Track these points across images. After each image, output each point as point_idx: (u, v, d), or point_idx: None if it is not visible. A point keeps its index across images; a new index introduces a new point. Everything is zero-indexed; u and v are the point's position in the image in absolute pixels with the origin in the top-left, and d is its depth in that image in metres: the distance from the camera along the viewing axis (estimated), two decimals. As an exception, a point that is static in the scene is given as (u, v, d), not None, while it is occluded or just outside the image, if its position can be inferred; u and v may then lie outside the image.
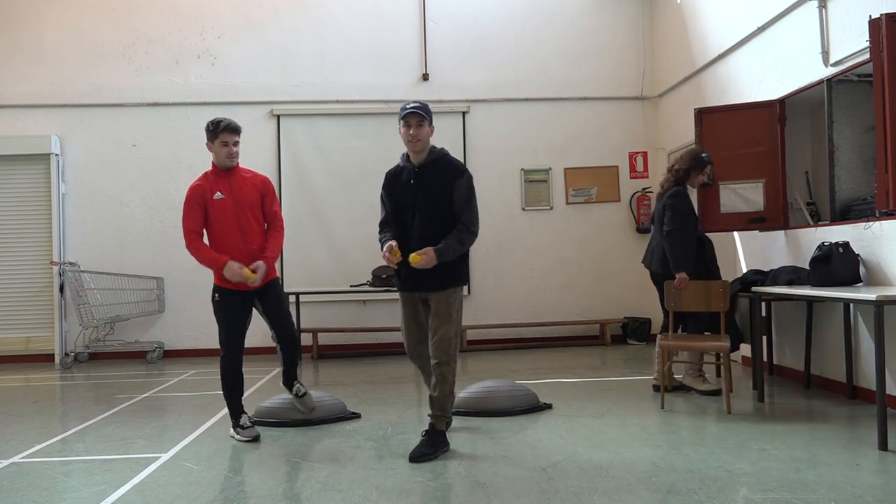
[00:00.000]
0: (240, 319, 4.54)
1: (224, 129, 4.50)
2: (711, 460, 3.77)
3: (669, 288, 5.48)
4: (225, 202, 4.49)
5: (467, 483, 3.50)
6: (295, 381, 4.84)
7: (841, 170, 5.69)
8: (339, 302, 8.85)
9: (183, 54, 9.12)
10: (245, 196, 4.55)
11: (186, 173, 9.09)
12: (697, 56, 8.00)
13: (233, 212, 4.49)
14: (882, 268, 4.98)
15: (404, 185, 4.13)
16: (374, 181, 9.17)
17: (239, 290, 4.49)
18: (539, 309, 9.26)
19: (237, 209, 4.51)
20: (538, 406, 5.18)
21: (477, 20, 9.31)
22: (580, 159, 9.36)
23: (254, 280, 4.39)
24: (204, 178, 4.56)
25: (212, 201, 4.48)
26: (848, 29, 5.37)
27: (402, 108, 4.09)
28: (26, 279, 8.87)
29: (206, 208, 4.48)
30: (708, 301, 5.33)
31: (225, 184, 4.53)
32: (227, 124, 4.52)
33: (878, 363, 3.92)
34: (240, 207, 4.51)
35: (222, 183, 4.53)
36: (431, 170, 4.11)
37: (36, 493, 3.53)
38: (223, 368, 4.53)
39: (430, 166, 4.12)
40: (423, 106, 4.11)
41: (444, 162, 4.14)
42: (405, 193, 4.11)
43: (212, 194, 4.49)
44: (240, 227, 4.49)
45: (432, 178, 4.08)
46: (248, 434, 4.49)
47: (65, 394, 6.58)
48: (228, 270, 4.37)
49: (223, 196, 4.49)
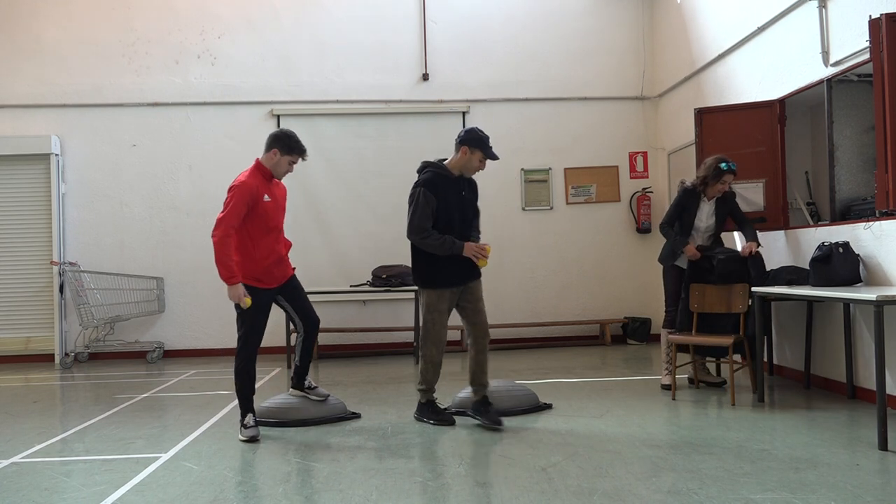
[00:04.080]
0: (265, 316, 4.73)
1: (299, 153, 4.71)
2: (711, 460, 3.77)
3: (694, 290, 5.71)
4: (270, 205, 4.65)
5: (467, 483, 3.50)
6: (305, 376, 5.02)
7: (841, 170, 5.69)
8: (339, 302, 8.85)
9: (183, 54, 9.12)
10: (282, 201, 4.82)
11: (186, 173, 9.10)
12: (697, 56, 8.00)
13: (274, 215, 4.69)
14: (882, 268, 4.98)
15: (457, 194, 4.77)
16: (374, 181, 9.25)
17: (264, 286, 4.65)
18: (539, 309, 9.26)
19: (278, 213, 4.73)
20: (538, 406, 5.18)
21: (477, 20, 9.32)
22: (580, 159, 9.36)
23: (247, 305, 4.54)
24: (254, 177, 4.62)
25: (261, 202, 4.59)
26: (848, 29, 5.37)
27: (485, 141, 4.74)
28: (26, 279, 8.87)
29: (253, 208, 4.55)
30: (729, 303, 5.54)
31: (271, 188, 4.70)
32: (302, 149, 4.73)
33: (878, 363, 3.92)
34: (279, 211, 4.75)
35: (268, 187, 4.68)
36: (470, 184, 4.89)
37: (36, 493, 3.53)
38: (242, 365, 4.65)
39: (468, 181, 4.87)
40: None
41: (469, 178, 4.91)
42: (457, 200, 4.76)
43: (261, 195, 4.59)
44: (277, 230, 4.73)
45: (471, 189, 4.90)
46: (247, 434, 4.52)
47: (65, 394, 6.58)
48: (233, 291, 4.50)
49: (270, 200, 4.65)
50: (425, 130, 9.21)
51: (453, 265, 4.70)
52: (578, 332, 9.30)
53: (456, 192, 4.75)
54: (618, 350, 8.53)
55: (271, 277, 4.69)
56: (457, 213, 4.73)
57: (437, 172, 4.74)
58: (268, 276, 4.67)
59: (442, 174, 4.73)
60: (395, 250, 9.03)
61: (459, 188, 4.77)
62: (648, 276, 9.29)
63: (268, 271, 4.66)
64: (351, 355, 8.77)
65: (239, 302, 4.51)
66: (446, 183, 4.72)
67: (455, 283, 4.75)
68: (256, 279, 4.61)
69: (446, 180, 4.73)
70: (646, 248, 9.31)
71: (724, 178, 5.64)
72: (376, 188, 9.17)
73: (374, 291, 8.27)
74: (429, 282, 4.76)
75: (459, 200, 4.75)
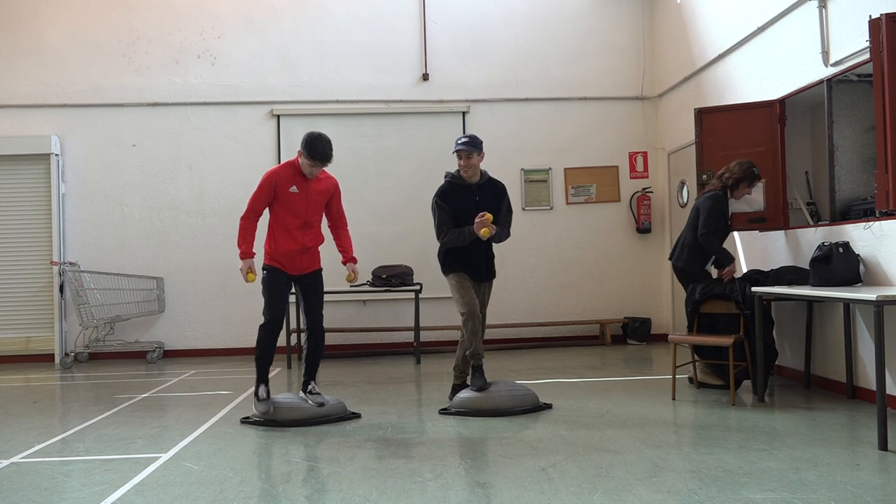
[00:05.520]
0: (283, 290, 5.02)
1: (318, 159, 4.88)
2: (711, 460, 3.77)
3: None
4: (299, 197, 4.95)
5: (467, 483, 3.50)
6: (312, 381, 5.11)
7: (841, 170, 5.69)
8: (339, 302, 8.85)
9: (183, 54, 9.12)
10: (317, 197, 5.03)
11: (186, 173, 9.10)
12: (697, 56, 8.00)
13: (303, 208, 4.97)
14: (882, 268, 4.98)
15: (469, 200, 5.20)
16: (374, 181, 9.25)
17: (284, 269, 4.99)
18: (539, 309, 9.26)
19: (307, 206, 4.98)
20: (538, 406, 5.18)
21: (477, 20, 9.32)
22: (580, 159, 9.36)
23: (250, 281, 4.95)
24: (285, 168, 5.00)
25: (286, 192, 4.92)
26: (848, 29, 5.37)
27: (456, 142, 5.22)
28: (26, 279, 8.87)
29: (277, 195, 4.94)
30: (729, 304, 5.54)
31: (303, 181, 4.98)
32: (322, 156, 4.88)
33: (878, 363, 3.92)
34: (310, 205, 4.99)
35: (300, 180, 4.97)
36: (487, 188, 5.29)
37: (36, 493, 3.53)
38: (261, 334, 4.95)
39: (486, 186, 5.29)
40: (471, 140, 5.19)
41: (493, 182, 5.36)
42: (469, 206, 5.17)
43: (287, 185, 4.93)
44: (304, 223, 4.98)
45: (489, 195, 5.28)
46: (259, 409, 4.88)
47: (65, 394, 6.58)
48: (243, 264, 4.95)
49: (298, 191, 4.95)
50: (425, 130, 9.21)
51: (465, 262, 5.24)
52: (578, 332, 9.30)
53: (469, 197, 5.21)
54: (618, 350, 8.53)
55: (292, 265, 5.01)
56: (470, 217, 5.15)
57: (451, 182, 5.26)
58: (288, 262, 5.00)
59: (455, 183, 5.25)
60: (395, 250, 9.04)
61: (473, 194, 5.22)
62: (648, 276, 9.29)
63: (288, 257, 4.98)
64: (351, 355, 8.77)
65: (242, 275, 4.95)
66: (459, 190, 5.22)
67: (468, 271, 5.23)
68: (276, 260, 4.98)
69: (459, 188, 5.23)
70: (646, 248, 9.31)
71: (755, 182, 5.73)
72: (376, 188, 9.17)
73: (374, 291, 8.28)
74: (446, 267, 5.30)
75: (473, 205, 5.18)
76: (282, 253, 4.96)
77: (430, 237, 9.07)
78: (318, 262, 5.15)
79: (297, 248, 4.97)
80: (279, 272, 4.99)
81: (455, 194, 5.22)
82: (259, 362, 4.97)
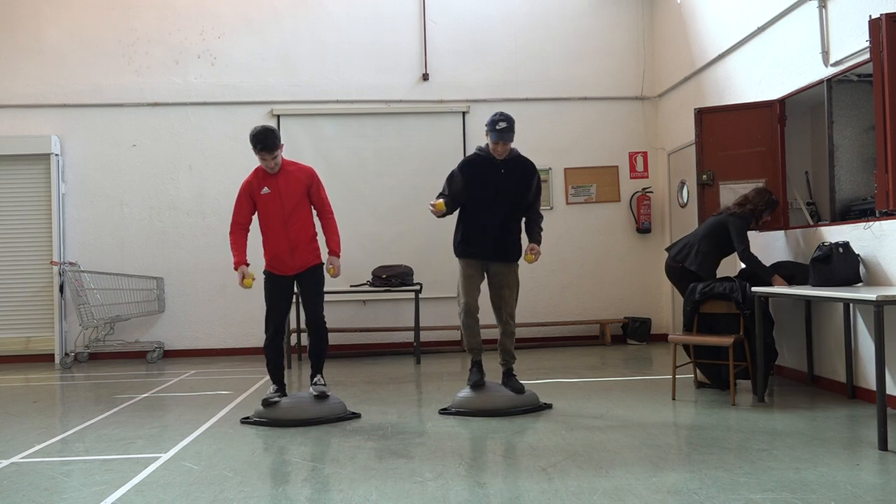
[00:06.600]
0: (280, 299, 5.06)
1: (258, 147, 4.89)
2: (711, 460, 3.77)
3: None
4: (272, 196, 4.99)
5: (467, 483, 3.50)
6: (318, 374, 5.15)
7: (841, 170, 5.69)
8: (339, 302, 8.85)
9: (183, 54, 9.12)
10: (291, 190, 5.01)
11: (186, 173, 9.10)
12: (697, 56, 8.00)
13: (278, 205, 4.98)
14: (882, 268, 4.98)
15: (494, 175, 5.09)
16: (374, 181, 9.25)
17: (280, 272, 5.03)
18: (539, 309, 9.26)
19: (283, 202, 4.98)
20: (538, 406, 5.18)
21: (477, 20, 9.32)
22: (580, 159, 9.37)
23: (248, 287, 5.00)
24: (254, 174, 5.07)
25: (259, 196, 5.00)
26: (848, 29, 5.37)
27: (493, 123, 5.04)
28: (26, 279, 8.87)
29: (255, 202, 5.03)
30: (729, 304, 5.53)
31: (272, 180, 5.02)
32: (261, 147, 4.90)
33: (878, 363, 3.92)
34: (286, 201, 4.99)
35: (270, 179, 5.02)
36: (514, 165, 5.16)
37: (36, 493, 3.53)
38: (265, 342, 5.08)
39: (512, 162, 5.16)
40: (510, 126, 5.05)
41: (521, 159, 5.22)
42: (493, 179, 5.09)
43: (259, 189, 5.00)
44: (284, 220, 4.98)
45: (516, 170, 5.15)
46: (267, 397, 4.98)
47: (65, 394, 6.58)
48: (237, 273, 5.03)
49: (270, 191, 4.99)
50: (425, 130, 9.21)
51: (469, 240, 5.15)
52: (578, 332, 9.30)
53: (493, 171, 5.11)
54: (618, 350, 8.53)
55: (282, 265, 5.03)
56: (490, 191, 5.10)
57: (478, 153, 5.19)
58: (278, 264, 5.03)
59: (482, 155, 5.17)
60: (395, 250, 9.04)
61: (499, 168, 5.12)
62: (648, 276, 9.29)
63: (279, 259, 5.01)
64: (351, 355, 8.77)
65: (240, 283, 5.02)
66: (484, 162, 5.14)
67: (472, 256, 5.15)
68: (269, 265, 5.06)
69: (484, 160, 5.14)
70: (646, 249, 9.31)
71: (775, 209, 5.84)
72: (376, 188, 9.17)
73: (374, 291, 8.27)
74: (455, 248, 5.27)
75: (496, 179, 5.10)
76: (272, 255, 5.02)
77: (430, 237, 9.12)
78: (315, 257, 5.11)
79: (285, 248, 4.98)
80: (276, 277, 5.04)
81: (480, 166, 5.14)
82: (267, 368, 5.13)
